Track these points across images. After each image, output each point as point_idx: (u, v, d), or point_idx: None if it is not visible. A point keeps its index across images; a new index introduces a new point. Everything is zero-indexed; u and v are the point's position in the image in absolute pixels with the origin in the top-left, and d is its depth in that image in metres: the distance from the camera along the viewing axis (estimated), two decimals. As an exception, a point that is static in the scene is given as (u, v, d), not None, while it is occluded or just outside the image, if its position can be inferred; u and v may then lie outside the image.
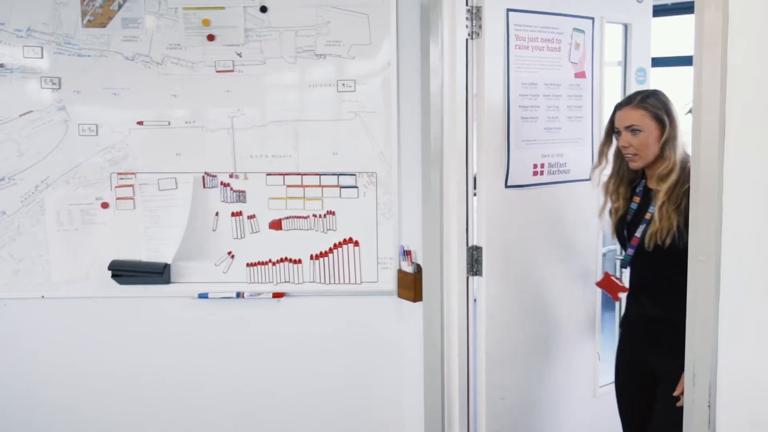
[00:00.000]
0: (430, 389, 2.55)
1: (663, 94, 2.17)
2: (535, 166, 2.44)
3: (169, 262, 2.50)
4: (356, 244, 2.56)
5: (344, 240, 2.56)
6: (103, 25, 2.45)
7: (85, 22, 2.44)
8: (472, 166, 2.43)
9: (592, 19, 2.54)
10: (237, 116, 2.50)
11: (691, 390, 1.72)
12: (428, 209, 2.47)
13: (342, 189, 2.53)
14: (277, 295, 2.57)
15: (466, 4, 2.36)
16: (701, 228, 1.63)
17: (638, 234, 2.18)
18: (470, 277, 2.48)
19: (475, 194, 2.46)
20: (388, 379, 2.64)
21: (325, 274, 2.57)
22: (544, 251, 2.58)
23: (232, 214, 2.54)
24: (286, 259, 2.56)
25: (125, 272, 2.50)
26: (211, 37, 2.46)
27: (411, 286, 2.52)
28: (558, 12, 2.44)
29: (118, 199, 2.52)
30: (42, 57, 2.45)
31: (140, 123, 2.50)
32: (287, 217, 2.55)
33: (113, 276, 2.49)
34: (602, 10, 2.63)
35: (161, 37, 2.46)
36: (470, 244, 2.46)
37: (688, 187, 1.80)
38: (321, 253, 2.56)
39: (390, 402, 2.65)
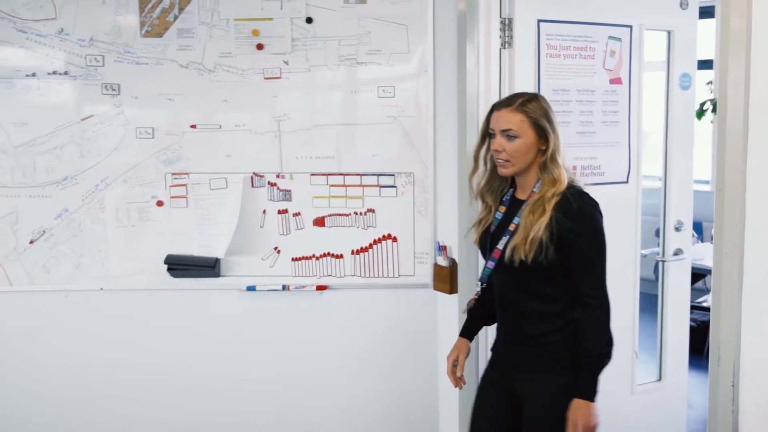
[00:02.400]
0: (466, 372, 2.70)
1: (545, 100, 2.03)
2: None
3: (220, 257, 2.67)
4: (394, 240, 2.72)
5: (383, 236, 2.72)
6: (160, 35, 2.62)
7: (143, 32, 2.62)
8: (504, 167, 2.60)
9: (630, 27, 2.61)
10: (283, 120, 2.66)
11: (716, 371, 1.88)
12: (464, 207, 2.63)
13: (381, 188, 2.70)
14: (320, 288, 2.73)
15: (500, 15, 2.53)
16: (726, 222, 1.79)
17: (500, 246, 2.01)
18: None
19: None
20: (424, 366, 2.79)
21: (365, 268, 2.73)
22: None
23: (279, 212, 2.71)
24: (328, 254, 2.73)
25: (180, 266, 2.66)
26: (260, 47, 2.63)
27: (446, 279, 2.68)
28: (592, 21, 2.54)
29: (172, 197, 2.69)
30: (103, 65, 2.62)
31: (193, 126, 2.67)
32: (330, 215, 2.71)
33: (168, 270, 2.66)
34: (641, 17, 2.66)
35: (213, 46, 2.63)
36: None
37: (558, 201, 1.90)
38: (361, 248, 2.72)
39: (426, 389, 2.81)
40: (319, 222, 2.71)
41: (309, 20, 2.62)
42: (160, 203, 2.69)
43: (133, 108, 2.65)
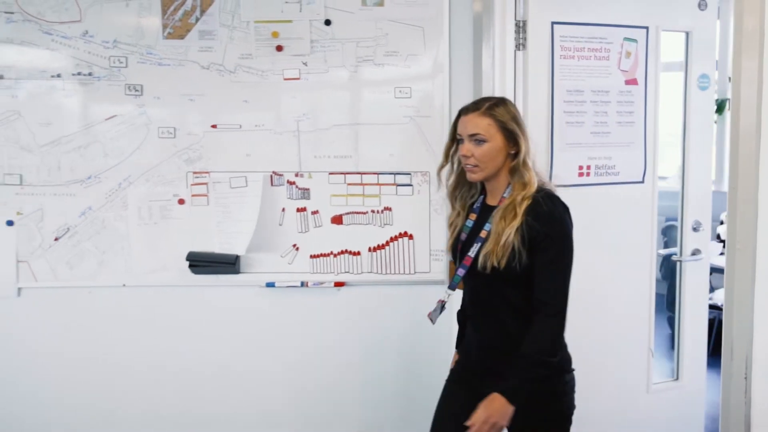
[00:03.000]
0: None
1: (513, 104, 2.02)
2: (581, 167, 2.64)
3: (241, 254, 2.73)
4: (410, 237, 2.78)
5: (399, 234, 2.77)
6: (182, 37, 2.68)
7: (165, 34, 2.68)
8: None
9: (646, 28, 2.66)
10: (302, 120, 2.72)
11: (729, 364, 1.93)
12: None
13: (398, 187, 2.75)
14: (338, 284, 2.79)
15: (515, 17, 2.59)
16: (739, 220, 1.85)
17: (471, 253, 2.00)
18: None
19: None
20: (440, 361, 2.83)
21: (381, 265, 2.78)
22: (590, 247, 2.69)
23: (297, 210, 2.76)
24: (346, 251, 2.78)
25: (201, 263, 2.72)
26: (279, 48, 2.69)
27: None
28: (606, 23, 2.60)
29: (193, 195, 2.75)
30: (126, 66, 2.68)
31: (214, 126, 2.72)
32: (347, 213, 2.76)
33: (190, 266, 2.72)
34: (658, 19, 2.71)
35: (234, 47, 2.68)
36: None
37: (529, 205, 1.89)
38: (378, 245, 2.78)
39: (440, 383, 2.86)
40: (337, 220, 2.77)
41: (327, 22, 2.68)
42: (181, 201, 2.75)
43: (156, 108, 2.70)
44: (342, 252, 2.78)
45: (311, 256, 2.78)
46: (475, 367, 2.09)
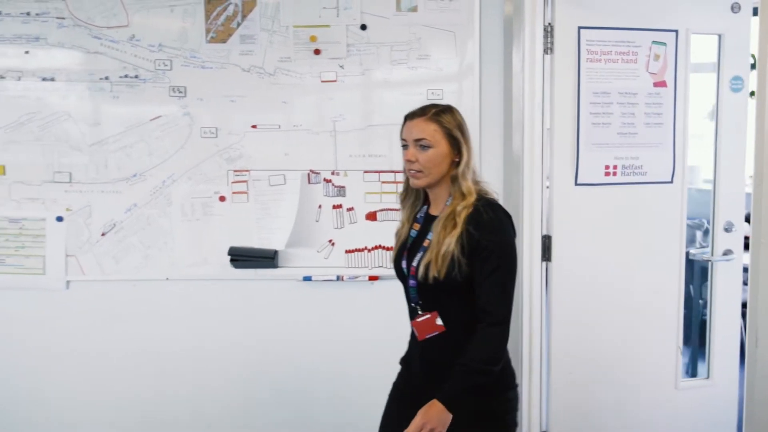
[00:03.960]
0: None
1: (458, 113, 2.00)
2: (607, 167, 2.73)
3: (279, 249, 2.85)
4: (441, 233, 2.89)
5: (431, 230, 2.89)
6: (224, 41, 2.80)
7: (208, 38, 2.80)
8: (545, 165, 2.77)
9: (676, 31, 2.74)
10: (338, 120, 2.84)
11: (754, 351, 2.03)
12: (509, 203, 2.80)
13: (430, 185, 2.87)
14: (372, 278, 2.90)
15: (543, 22, 2.70)
16: (764, 215, 1.95)
17: (415, 263, 1.95)
18: (543, 263, 2.82)
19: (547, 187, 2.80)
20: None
21: (414, 260, 2.90)
22: (616, 244, 2.81)
23: (333, 207, 2.88)
24: (380, 246, 2.89)
25: (242, 257, 2.83)
26: (317, 52, 2.81)
27: (491, 270, 2.84)
28: (634, 27, 2.67)
29: (233, 193, 2.86)
30: (171, 69, 2.80)
31: (254, 126, 2.84)
32: (381, 210, 2.88)
33: (231, 260, 2.83)
34: (688, 22, 2.77)
35: (274, 51, 2.80)
36: (543, 234, 2.80)
37: (469, 213, 1.85)
38: (411, 241, 2.90)
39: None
40: (371, 216, 2.88)
41: (363, 27, 2.80)
42: (222, 198, 2.87)
43: (198, 109, 2.82)
44: (376, 247, 2.89)
45: (346, 251, 2.89)
46: (416, 381, 2.03)
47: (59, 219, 2.85)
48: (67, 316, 2.91)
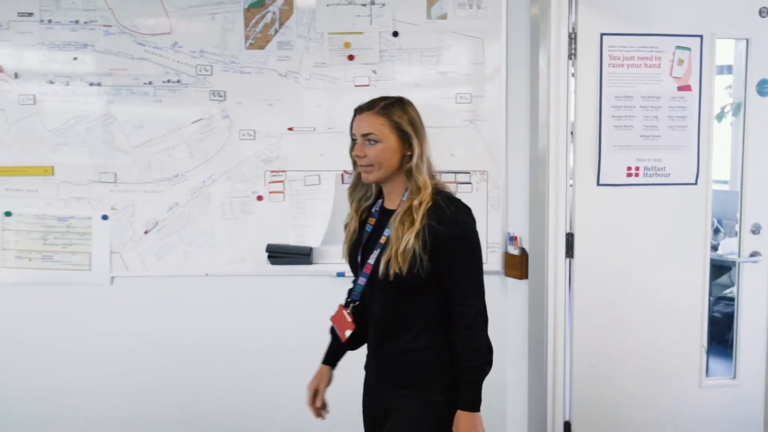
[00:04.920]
0: (534, 351, 3.02)
1: (410, 104, 1.95)
2: (629, 168, 2.85)
3: (314, 246, 2.97)
4: (469, 231, 3.01)
5: (459, 228, 3.01)
6: (262, 48, 2.93)
7: (247, 45, 2.92)
8: (568, 166, 2.89)
9: (701, 36, 2.82)
10: (371, 123, 2.96)
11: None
12: (535, 201, 2.94)
13: (458, 185, 2.98)
14: (403, 274, 3.03)
15: (568, 29, 2.82)
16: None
17: (371, 261, 1.91)
18: (567, 260, 2.94)
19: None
20: (494, 342, 3.07)
21: (442, 257, 3.02)
22: (639, 243, 2.91)
23: (366, 206, 3.01)
24: (410, 243, 3.02)
25: (279, 254, 2.96)
26: (350, 57, 2.93)
27: (518, 266, 2.98)
28: (657, 33, 2.77)
29: (270, 192, 2.99)
30: (211, 74, 2.93)
31: (290, 129, 2.96)
32: (412, 208, 3.00)
33: (269, 257, 2.96)
34: (713, 27, 2.84)
35: (309, 57, 2.93)
36: (566, 232, 2.93)
37: (429, 207, 1.81)
38: (440, 238, 3.02)
39: (494, 365, 3.09)
40: (402, 215, 3.01)
41: (395, 34, 2.92)
42: (259, 198, 2.99)
43: (237, 112, 2.95)
44: (406, 244, 3.02)
45: (378, 248, 3.02)
46: (376, 377, 2.01)
47: (104, 217, 2.98)
48: (112, 310, 3.04)
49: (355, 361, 2.13)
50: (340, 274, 3.01)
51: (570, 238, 2.92)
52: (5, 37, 2.88)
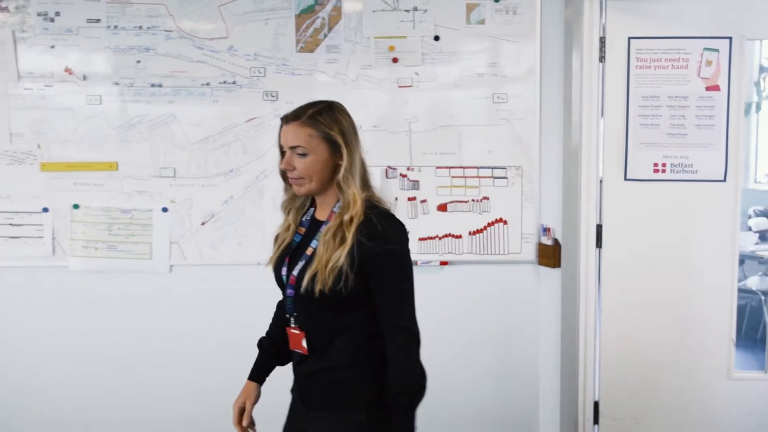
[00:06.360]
0: (566, 335, 3.22)
1: (341, 109, 1.85)
2: (656, 164, 3.01)
3: (361, 236, 3.17)
4: (505, 223, 3.21)
5: (496, 220, 3.20)
6: (312, 51, 3.13)
7: (298, 48, 3.12)
8: (599, 161, 3.08)
9: (729, 38, 2.91)
10: (413, 122, 3.16)
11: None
12: (568, 195, 3.13)
13: (495, 179, 3.18)
14: (443, 263, 3.23)
15: (600, 33, 3.01)
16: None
17: (296, 272, 1.82)
18: (597, 250, 3.13)
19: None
20: (528, 328, 3.29)
21: (480, 247, 3.22)
22: (664, 236, 3.05)
23: (408, 199, 3.20)
24: (449, 234, 3.21)
25: (327, 244, 3.16)
26: (395, 60, 3.13)
27: (551, 255, 3.18)
28: (684, 35, 2.92)
29: (318, 186, 3.20)
30: (264, 75, 3.13)
31: (338, 127, 3.17)
32: (451, 202, 3.20)
33: (318, 247, 3.16)
34: (743, 28, 2.92)
35: (356, 59, 3.12)
36: (596, 223, 3.12)
37: (360, 223, 1.72)
38: (477, 230, 3.21)
39: (529, 347, 3.30)
40: (442, 208, 3.20)
41: (436, 38, 3.12)
42: (308, 191, 3.19)
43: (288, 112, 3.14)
44: (446, 235, 3.22)
45: (419, 239, 3.21)
46: (299, 398, 1.94)
47: (164, 210, 3.18)
48: (171, 297, 3.25)
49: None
50: (384, 263, 3.21)
51: (599, 229, 3.11)
52: (75, 41, 3.09)
